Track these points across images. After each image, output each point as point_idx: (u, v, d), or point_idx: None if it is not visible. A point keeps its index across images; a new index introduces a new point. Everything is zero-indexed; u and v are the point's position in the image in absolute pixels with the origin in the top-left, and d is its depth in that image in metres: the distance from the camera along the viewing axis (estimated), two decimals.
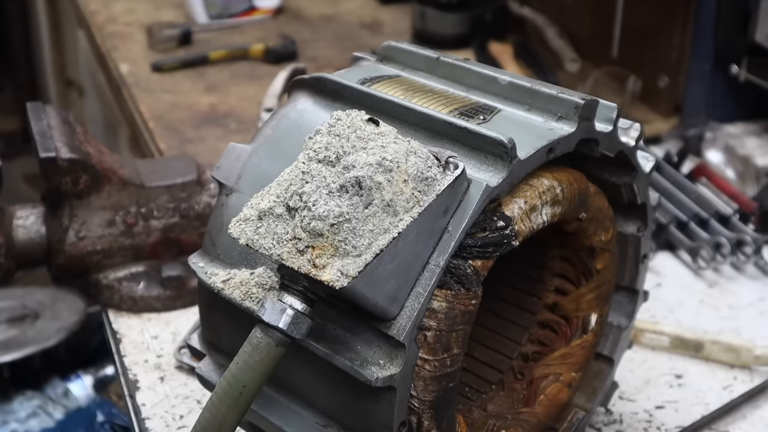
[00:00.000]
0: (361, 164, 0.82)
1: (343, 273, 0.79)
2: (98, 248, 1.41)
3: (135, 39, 2.31)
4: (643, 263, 1.14)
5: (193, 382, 1.30)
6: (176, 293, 1.45)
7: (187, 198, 1.46)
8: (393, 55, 1.09)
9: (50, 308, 1.65)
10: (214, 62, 2.18)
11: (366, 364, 0.85)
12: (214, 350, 1.03)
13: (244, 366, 0.83)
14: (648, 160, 1.07)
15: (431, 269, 0.86)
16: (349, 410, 0.90)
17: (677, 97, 1.94)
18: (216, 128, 1.91)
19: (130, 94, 2.06)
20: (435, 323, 0.86)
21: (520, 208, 0.91)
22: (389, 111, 0.94)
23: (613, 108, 0.99)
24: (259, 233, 0.83)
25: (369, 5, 2.55)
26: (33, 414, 1.54)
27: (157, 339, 1.40)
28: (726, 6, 1.82)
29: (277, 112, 1.01)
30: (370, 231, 0.81)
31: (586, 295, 1.09)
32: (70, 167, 1.35)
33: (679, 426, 1.24)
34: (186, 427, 1.24)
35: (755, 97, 1.87)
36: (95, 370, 1.65)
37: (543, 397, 1.09)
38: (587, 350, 1.11)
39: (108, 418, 1.51)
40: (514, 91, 0.99)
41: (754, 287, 1.53)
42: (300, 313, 0.83)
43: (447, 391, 0.90)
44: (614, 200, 1.07)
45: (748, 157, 1.78)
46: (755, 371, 1.34)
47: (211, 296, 0.96)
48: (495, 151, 0.88)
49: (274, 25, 2.40)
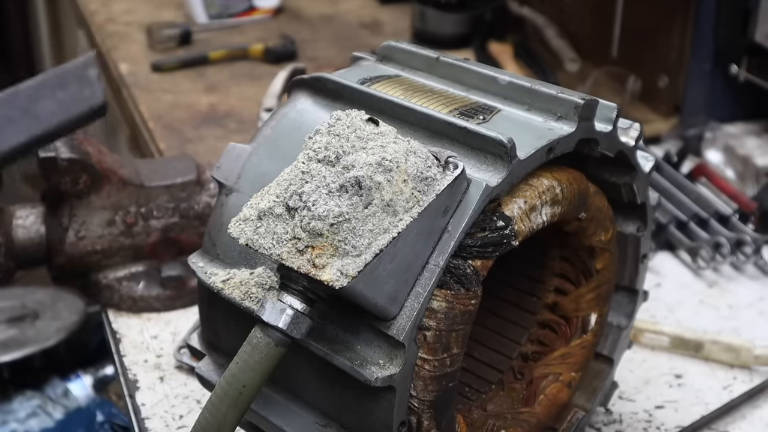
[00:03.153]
0: (360, 164, 0.82)
1: (343, 273, 0.79)
2: (98, 248, 1.41)
3: (135, 39, 2.31)
4: (643, 263, 1.14)
5: (192, 382, 1.30)
6: (176, 293, 1.45)
7: (187, 198, 1.46)
8: (393, 55, 1.09)
9: (50, 308, 1.64)
10: (213, 62, 2.18)
11: (366, 364, 0.85)
12: (213, 350, 1.03)
13: (244, 366, 0.83)
14: (648, 160, 1.07)
15: (431, 269, 0.86)
16: (348, 410, 0.90)
17: (677, 97, 1.94)
18: (216, 128, 1.91)
19: (130, 93, 2.06)
20: (435, 323, 0.86)
21: (519, 208, 0.91)
22: (389, 111, 0.94)
23: (612, 108, 0.99)
24: (259, 233, 0.83)
25: (369, 5, 2.55)
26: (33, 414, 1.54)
27: (156, 339, 1.40)
28: (726, 6, 1.82)
29: (277, 112, 1.01)
30: (370, 231, 0.81)
31: (586, 295, 1.09)
32: (69, 167, 1.35)
33: (678, 426, 1.24)
34: (186, 427, 1.24)
35: (755, 97, 1.87)
36: (95, 370, 1.65)
37: (543, 397, 1.09)
38: (587, 350, 1.11)
39: (108, 418, 1.51)
40: (514, 91, 0.99)
41: (754, 287, 1.53)
42: (300, 313, 0.83)
43: (447, 391, 0.90)
44: (614, 200, 1.07)
45: (748, 157, 1.78)
46: (755, 371, 1.34)
47: (210, 296, 0.96)
48: (495, 151, 0.88)
49: (274, 25, 2.40)
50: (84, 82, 0.75)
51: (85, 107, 0.75)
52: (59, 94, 0.75)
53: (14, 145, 0.73)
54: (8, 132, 0.74)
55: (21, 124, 0.74)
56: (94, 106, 0.75)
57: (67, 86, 0.75)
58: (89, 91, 0.75)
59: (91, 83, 0.75)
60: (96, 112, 0.75)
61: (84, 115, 0.74)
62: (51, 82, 0.76)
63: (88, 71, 0.76)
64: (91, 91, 0.75)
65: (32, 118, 0.74)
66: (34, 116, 0.74)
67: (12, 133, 0.74)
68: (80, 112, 0.74)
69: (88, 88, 0.75)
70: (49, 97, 0.75)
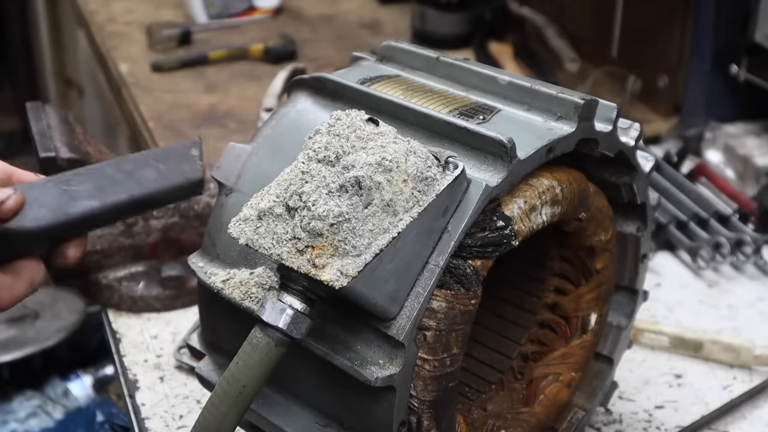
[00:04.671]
0: (360, 164, 0.82)
1: (343, 273, 0.79)
2: (97, 248, 1.41)
3: (135, 39, 2.31)
4: (643, 263, 1.14)
5: (192, 381, 1.30)
6: (176, 293, 1.45)
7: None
8: (393, 55, 1.09)
9: (50, 308, 1.64)
10: (213, 62, 2.18)
11: (366, 364, 0.85)
12: (213, 350, 1.03)
13: (244, 366, 0.83)
14: (647, 159, 1.07)
15: (431, 269, 0.86)
16: (348, 410, 0.90)
17: (677, 97, 1.94)
18: (216, 128, 1.91)
19: (130, 93, 2.06)
20: (434, 323, 0.86)
21: (519, 208, 0.91)
22: (389, 111, 0.94)
23: (612, 108, 0.99)
24: (259, 233, 0.83)
25: (369, 5, 2.55)
26: (33, 414, 1.54)
27: (156, 339, 1.40)
28: (726, 6, 1.81)
29: (277, 112, 1.01)
30: (370, 231, 0.81)
31: (586, 294, 1.09)
32: (69, 167, 1.34)
33: (678, 426, 1.24)
34: (186, 427, 1.24)
35: (755, 97, 1.87)
36: (95, 370, 1.65)
37: (543, 396, 1.09)
38: (587, 350, 1.11)
39: (108, 418, 1.51)
40: (514, 90, 0.99)
41: (754, 287, 1.53)
42: (300, 313, 0.83)
43: (447, 391, 0.90)
44: (614, 200, 1.07)
45: (748, 156, 1.78)
46: (755, 371, 1.34)
47: (210, 296, 0.96)
48: (495, 151, 0.88)
49: (274, 24, 2.40)
50: (186, 159, 0.84)
51: (182, 179, 0.83)
52: (161, 166, 0.85)
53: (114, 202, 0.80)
54: (111, 191, 0.82)
55: (123, 185, 0.83)
56: (192, 179, 0.84)
57: (170, 160, 0.85)
58: (189, 167, 0.84)
59: (192, 160, 0.84)
60: (193, 185, 0.84)
61: (181, 186, 0.83)
62: (157, 155, 0.85)
63: (192, 150, 0.85)
64: (191, 167, 0.84)
65: (134, 181, 0.83)
66: (136, 180, 0.82)
67: (114, 192, 0.82)
68: (178, 183, 0.83)
69: (188, 164, 0.84)
70: (153, 167, 0.84)
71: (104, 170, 0.83)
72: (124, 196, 0.82)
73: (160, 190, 0.83)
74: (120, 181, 0.82)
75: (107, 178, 0.82)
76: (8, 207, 0.78)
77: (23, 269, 0.83)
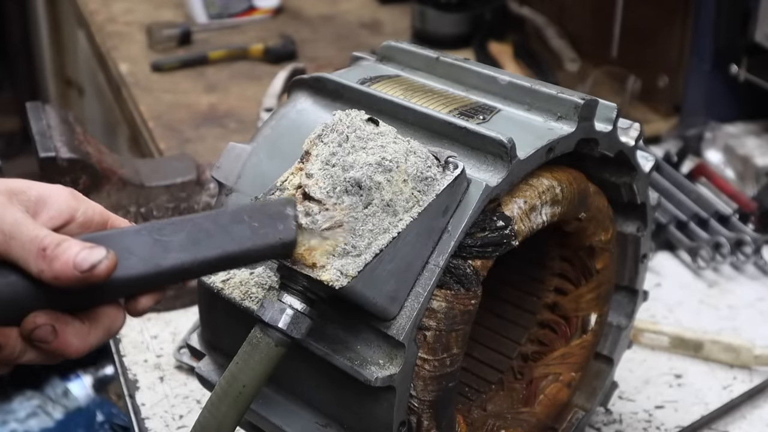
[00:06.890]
0: (360, 164, 0.82)
1: (343, 273, 0.79)
2: None
3: (135, 39, 2.31)
4: (643, 263, 1.14)
5: (192, 381, 1.30)
6: (176, 293, 1.45)
7: (187, 198, 1.46)
8: (393, 55, 1.09)
9: None
10: (213, 62, 2.18)
11: (365, 364, 0.85)
12: (213, 350, 1.03)
13: (244, 366, 0.83)
14: (647, 159, 1.07)
15: (431, 269, 0.85)
16: (348, 410, 0.90)
17: (677, 97, 1.94)
18: (216, 128, 1.91)
19: (130, 93, 2.06)
20: (434, 323, 0.86)
21: (519, 208, 0.91)
22: (389, 111, 0.94)
23: (612, 108, 0.99)
24: None
25: (369, 5, 2.55)
26: (32, 414, 1.54)
27: (156, 339, 1.40)
28: (726, 6, 1.81)
29: (277, 112, 1.01)
30: (370, 231, 0.81)
31: (586, 294, 1.09)
32: (69, 167, 1.35)
33: (678, 426, 1.24)
34: (186, 426, 1.24)
35: (755, 97, 1.87)
36: (95, 370, 1.64)
37: (542, 396, 1.09)
38: (587, 350, 1.11)
39: (108, 418, 1.51)
40: (514, 90, 0.99)
41: (754, 287, 1.53)
42: (299, 313, 0.83)
43: (447, 391, 0.90)
44: (614, 200, 1.07)
45: (748, 156, 1.78)
46: (755, 371, 1.34)
47: (210, 296, 0.96)
48: (494, 151, 0.88)
49: (274, 24, 2.40)
50: (280, 218, 0.80)
51: (276, 240, 0.79)
52: (255, 223, 0.80)
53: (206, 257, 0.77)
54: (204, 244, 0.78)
55: (217, 239, 0.79)
56: (286, 240, 0.80)
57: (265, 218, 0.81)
58: (283, 227, 0.79)
59: (286, 220, 0.80)
60: (285, 246, 0.80)
61: (274, 245, 0.79)
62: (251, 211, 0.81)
63: (287, 209, 0.80)
64: (285, 227, 0.79)
65: (228, 236, 0.79)
66: (230, 236, 0.78)
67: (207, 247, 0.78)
68: (271, 242, 0.79)
69: (282, 223, 0.80)
70: (246, 224, 0.80)
71: (198, 222, 0.79)
72: (216, 251, 0.77)
73: (252, 249, 0.79)
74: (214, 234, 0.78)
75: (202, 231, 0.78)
76: (100, 271, 0.73)
77: (103, 316, 0.78)
